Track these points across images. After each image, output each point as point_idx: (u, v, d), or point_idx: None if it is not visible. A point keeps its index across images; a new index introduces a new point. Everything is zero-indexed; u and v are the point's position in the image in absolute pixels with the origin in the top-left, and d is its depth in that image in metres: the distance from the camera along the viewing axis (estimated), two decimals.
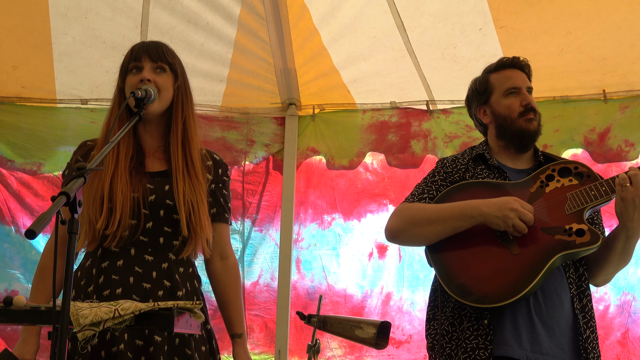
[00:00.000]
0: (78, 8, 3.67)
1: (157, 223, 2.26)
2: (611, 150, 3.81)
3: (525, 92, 2.58)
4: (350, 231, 4.16)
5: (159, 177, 2.31)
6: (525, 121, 2.54)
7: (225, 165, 2.51)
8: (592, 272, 2.49)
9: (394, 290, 4.05)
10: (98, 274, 2.23)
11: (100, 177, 2.23)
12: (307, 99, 4.24)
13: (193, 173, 2.32)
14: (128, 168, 2.27)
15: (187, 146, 2.34)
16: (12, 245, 4.02)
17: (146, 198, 2.25)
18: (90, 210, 2.21)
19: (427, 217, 2.43)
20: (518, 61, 2.64)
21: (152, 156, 2.36)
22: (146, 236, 2.25)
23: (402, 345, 3.98)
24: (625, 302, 3.69)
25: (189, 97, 2.41)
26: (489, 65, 2.70)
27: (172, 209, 2.26)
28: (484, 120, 2.67)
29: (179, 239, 2.29)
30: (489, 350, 2.27)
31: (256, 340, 4.08)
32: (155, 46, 2.36)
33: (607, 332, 3.67)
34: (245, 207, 4.18)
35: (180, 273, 2.29)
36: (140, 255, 2.24)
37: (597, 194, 2.33)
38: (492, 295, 2.27)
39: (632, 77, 3.77)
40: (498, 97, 2.60)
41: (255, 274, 4.15)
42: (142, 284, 2.21)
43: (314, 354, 2.46)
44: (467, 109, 2.76)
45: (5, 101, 4.08)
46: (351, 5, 3.68)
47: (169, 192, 2.27)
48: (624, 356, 3.64)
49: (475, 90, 2.68)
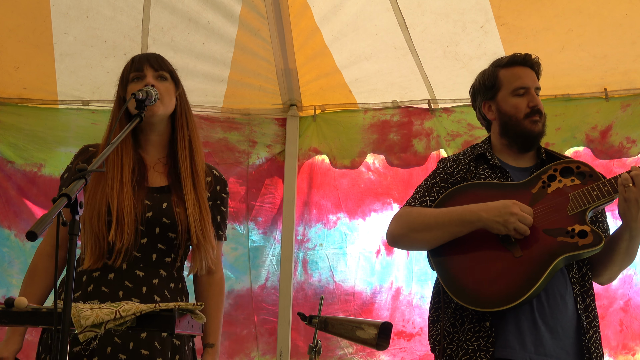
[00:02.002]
0: (79, 7, 3.67)
1: (151, 240, 2.26)
2: (612, 147, 3.81)
3: (533, 92, 2.54)
4: (355, 230, 4.16)
5: (158, 194, 2.31)
6: (531, 123, 2.51)
7: (225, 181, 2.52)
8: (597, 271, 2.47)
9: (403, 285, 4.06)
10: (87, 282, 2.23)
11: (104, 190, 2.23)
12: (308, 99, 4.24)
13: (198, 183, 2.34)
14: (131, 182, 2.27)
15: (194, 157, 2.36)
16: (11, 249, 3.99)
17: (144, 214, 2.25)
18: (96, 226, 2.20)
19: (426, 223, 2.41)
20: (530, 59, 2.59)
21: (153, 169, 2.36)
22: (139, 252, 2.25)
23: (413, 337, 3.99)
24: (627, 276, 3.77)
25: (189, 107, 2.45)
26: (499, 60, 2.64)
27: (167, 227, 2.26)
28: (488, 116, 2.63)
29: (171, 256, 2.30)
30: (490, 353, 2.26)
31: (266, 344, 4.08)
32: (155, 56, 2.40)
33: (610, 301, 3.78)
34: (249, 210, 4.18)
35: (171, 289, 2.29)
36: (131, 270, 2.24)
37: (600, 194, 2.31)
38: (495, 300, 2.25)
39: (634, 75, 3.76)
40: (505, 95, 2.56)
41: (262, 277, 4.15)
42: (131, 299, 2.19)
43: (315, 355, 2.46)
44: (472, 101, 2.71)
45: (6, 102, 4.07)
46: (353, 3, 3.68)
47: (166, 210, 2.27)
48: (626, 320, 3.77)
49: (483, 84, 2.63)
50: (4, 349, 2.23)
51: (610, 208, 2.64)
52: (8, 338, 2.25)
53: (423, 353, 3.94)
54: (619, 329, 3.76)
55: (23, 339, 2.27)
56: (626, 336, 3.75)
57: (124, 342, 2.16)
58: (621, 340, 3.75)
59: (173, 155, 2.37)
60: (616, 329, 3.76)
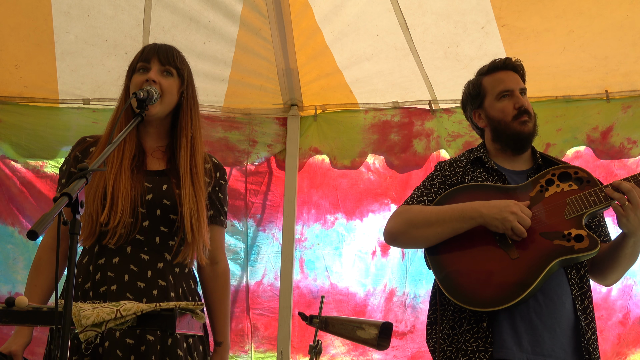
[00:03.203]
0: (80, 6, 3.67)
1: (153, 222, 2.26)
2: (613, 147, 3.82)
3: (518, 94, 2.57)
4: (352, 231, 4.17)
5: (157, 177, 2.31)
6: (520, 124, 2.53)
7: (223, 168, 2.52)
8: (602, 274, 2.49)
9: (397, 287, 4.06)
10: (95, 271, 2.24)
11: (103, 173, 2.24)
12: (309, 99, 4.24)
13: (196, 179, 2.33)
14: (130, 166, 2.28)
15: (194, 153, 2.35)
16: (16, 246, 4.01)
17: (144, 196, 2.25)
18: (92, 205, 2.21)
19: (426, 219, 2.42)
20: (510, 62, 2.62)
21: (152, 155, 2.37)
22: (142, 235, 2.25)
23: (405, 336, 4.00)
24: (627, 286, 3.76)
25: (196, 103, 2.43)
26: (481, 68, 2.68)
27: (168, 209, 2.27)
28: (479, 124, 2.67)
29: (175, 240, 2.29)
30: (489, 353, 2.27)
31: (261, 338, 4.10)
32: (166, 49, 2.39)
33: (609, 313, 3.77)
34: (248, 207, 4.18)
35: (176, 273, 2.30)
36: (136, 253, 2.24)
37: (597, 200, 2.33)
38: (490, 300, 2.26)
39: (634, 76, 3.77)
40: (491, 101, 2.59)
41: (259, 273, 4.16)
42: (136, 283, 2.21)
43: (315, 354, 2.46)
44: (464, 113, 2.76)
45: (8, 101, 4.08)
46: (354, 3, 3.68)
47: (167, 191, 2.28)
48: (625, 334, 3.75)
49: (469, 94, 2.68)
50: (13, 342, 2.22)
51: (610, 214, 2.65)
52: (17, 331, 2.25)
53: (415, 351, 3.96)
54: (616, 342, 3.75)
55: (32, 332, 2.27)
56: (622, 346, 3.75)
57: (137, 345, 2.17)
58: (617, 350, 3.74)
59: (173, 148, 2.37)
60: (614, 342, 3.75)
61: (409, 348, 3.98)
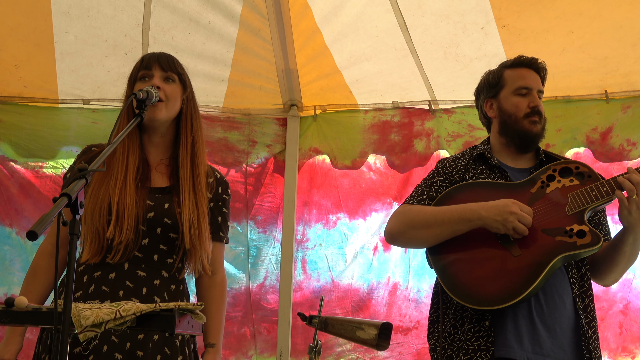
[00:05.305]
0: (80, 6, 3.67)
1: (153, 240, 2.26)
2: (613, 149, 3.82)
3: (535, 94, 2.58)
4: (355, 230, 4.17)
5: (160, 195, 2.31)
6: (530, 123, 2.54)
7: (226, 183, 2.52)
8: (601, 273, 2.49)
9: (400, 280, 4.07)
10: (89, 282, 2.23)
11: (107, 187, 2.23)
12: (308, 100, 4.24)
13: (198, 188, 2.33)
14: (134, 180, 2.27)
15: (195, 161, 2.35)
16: (13, 247, 3.99)
17: (146, 214, 2.25)
18: (97, 221, 2.20)
19: (425, 220, 2.42)
20: (535, 62, 2.62)
21: (156, 170, 2.36)
22: (141, 252, 2.25)
23: (410, 332, 4.01)
24: (627, 280, 3.79)
25: (197, 110, 2.44)
26: (506, 60, 2.70)
27: (169, 227, 2.26)
28: (489, 114, 2.66)
29: (173, 257, 2.29)
30: (490, 352, 2.27)
31: (264, 342, 4.08)
32: (166, 56, 2.39)
33: (610, 304, 3.81)
34: (248, 209, 4.17)
35: (171, 290, 2.29)
36: (133, 270, 2.24)
37: (599, 195, 2.32)
38: (493, 298, 2.26)
39: (634, 77, 3.77)
40: (508, 94, 2.60)
41: (260, 275, 4.15)
42: (131, 299, 2.19)
43: (315, 355, 2.46)
44: (475, 100, 2.75)
45: (7, 101, 4.07)
46: (353, 4, 3.68)
47: (168, 210, 2.27)
48: (626, 323, 3.80)
49: (487, 82, 2.67)
50: (5, 350, 2.22)
51: (610, 212, 2.65)
52: (8, 338, 2.24)
53: (420, 347, 3.96)
54: (618, 331, 3.78)
55: (23, 338, 2.26)
56: (626, 339, 3.77)
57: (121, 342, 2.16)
58: (621, 343, 3.77)
59: (176, 157, 2.37)
60: (615, 331, 3.78)
61: (414, 344, 3.99)
